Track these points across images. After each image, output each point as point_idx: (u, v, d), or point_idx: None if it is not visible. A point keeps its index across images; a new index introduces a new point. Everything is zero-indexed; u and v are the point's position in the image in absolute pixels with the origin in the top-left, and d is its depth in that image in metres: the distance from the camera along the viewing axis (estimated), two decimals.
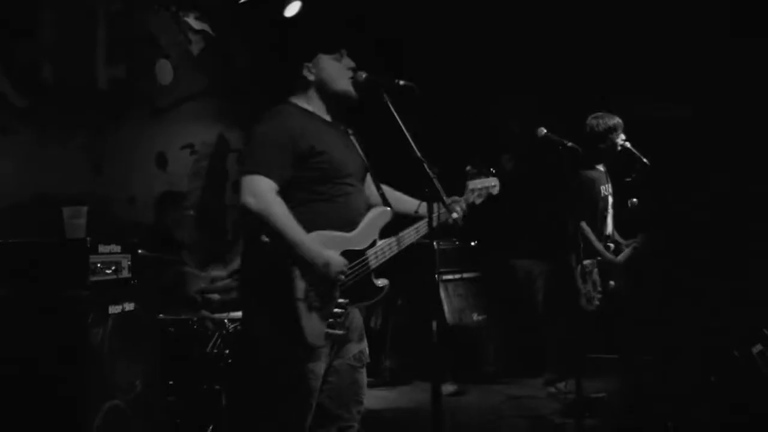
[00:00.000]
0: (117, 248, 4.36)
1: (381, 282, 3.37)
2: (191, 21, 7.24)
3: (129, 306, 4.37)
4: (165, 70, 6.91)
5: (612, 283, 5.42)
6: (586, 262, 5.34)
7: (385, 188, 3.59)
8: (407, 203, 3.63)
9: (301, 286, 3.11)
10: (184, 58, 7.16)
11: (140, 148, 6.65)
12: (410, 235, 3.49)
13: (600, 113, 5.57)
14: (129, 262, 4.45)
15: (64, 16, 5.96)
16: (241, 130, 7.64)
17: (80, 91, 6.10)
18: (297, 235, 3.09)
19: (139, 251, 4.64)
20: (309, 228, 3.14)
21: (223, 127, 7.58)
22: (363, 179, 3.51)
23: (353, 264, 3.26)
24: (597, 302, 5.33)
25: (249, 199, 3.09)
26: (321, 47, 3.42)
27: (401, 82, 3.34)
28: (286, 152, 3.19)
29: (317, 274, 3.11)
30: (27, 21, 5.72)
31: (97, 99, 6.26)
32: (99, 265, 4.21)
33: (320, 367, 3.24)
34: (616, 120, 5.53)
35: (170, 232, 5.87)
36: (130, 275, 4.46)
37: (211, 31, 7.42)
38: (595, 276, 5.37)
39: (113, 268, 4.32)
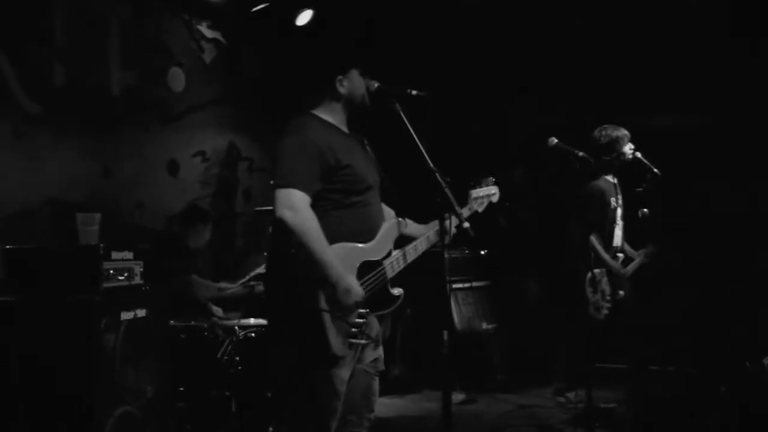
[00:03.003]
0: (129, 255, 4.40)
1: (397, 291, 3.45)
2: (204, 29, 7.28)
3: (141, 312, 4.40)
4: (177, 78, 6.95)
5: (621, 292, 5.43)
6: (596, 271, 5.34)
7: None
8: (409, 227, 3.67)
9: (324, 296, 3.17)
10: (196, 66, 7.19)
11: (151, 155, 6.68)
12: (422, 244, 3.57)
13: (605, 125, 5.59)
14: (141, 269, 4.48)
15: (77, 21, 6.00)
16: (253, 138, 7.67)
17: (92, 97, 6.13)
18: (326, 257, 3.15)
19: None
20: (330, 238, 3.20)
21: (234, 135, 7.61)
22: (379, 190, 3.56)
23: (371, 275, 3.33)
24: (605, 311, 5.33)
25: (286, 213, 3.14)
26: (355, 62, 3.48)
27: (413, 92, 3.36)
28: (315, 165, 3.26)
29: (336, 297, 3.16)
30: (40, 26, 5.76)
31: (109, 105, 6.29)
32: (112, 271, 4.24)
33: (346, 372, 3.31)
34: (622, 131, 5.55)
35: (185, 242, 5.88)
36: (142, 282, 4.49)
37: (223, 40, 7.45)
38: (604, 285, 5.37)
39: (126, 274, 4.35)
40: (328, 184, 3.29)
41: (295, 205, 3.15)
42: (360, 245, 3.34)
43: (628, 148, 5.55)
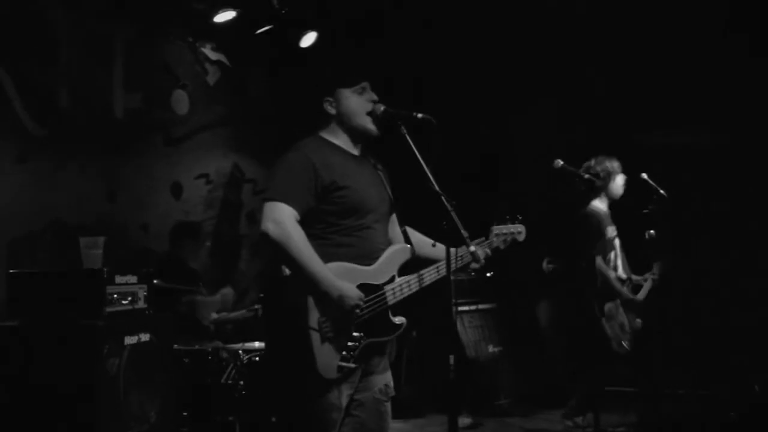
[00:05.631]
0: (133, 279, 4.37)
1: (398, 320, 3.33)
2: (207, 51, 7.29)
3: (144, 336, 4.37)
4: (181, 100, 6.95)
5: (639, 320, 5.38)
6: (608, 305, 5.30)
7: (412, 231, 3.56)
8: (432, 248, 3.57)
9: (315, 316, 3.10)
10: (200, 88, 7.20)
11: (155, 177, 6.68)
12: (431, 274, 3.44)
13: (603, 157, 5.62)
14: (145, 293, 4.46)
15: (82, 44, 6.01)
16: (256, 160, 7.67)
17: (97, 120, 6.14)
18: (313, 265, 3.09)
19: (155, 281, 4.66)
20: (325, 260, 3.14)
21: (238, 157, 7.61)
22: (387, 215, 3.49)
23: (369, 298, 3.24)
24: (628, 342, 5.29)
25: (269, 226, 3.09)
26: (339, 82, 3.43)
27: (419, 115, 3.33)
28: (308, 182, 3.20)
29: (332, 305, 3.10)
30: (45, 49, 5.77)
31: (114, 128, 6.30)
32: (115, 295, 4.21)
33: (339, 398, 3.20)
34: (614, 164, 5.58)
35: (185, 262, 5.87)
36: (146, 306, 4.46)
37: (227, 62, 7.47)
38: (621, 318, 5.33)
39: (129, 298, 4.32)
40: (323, 204, 3.23)
41: (279, 218, 3.10)
42: (358, 266, 3.25)
43: (621, 180, 5.58)
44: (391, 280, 3.34)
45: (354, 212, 3.29)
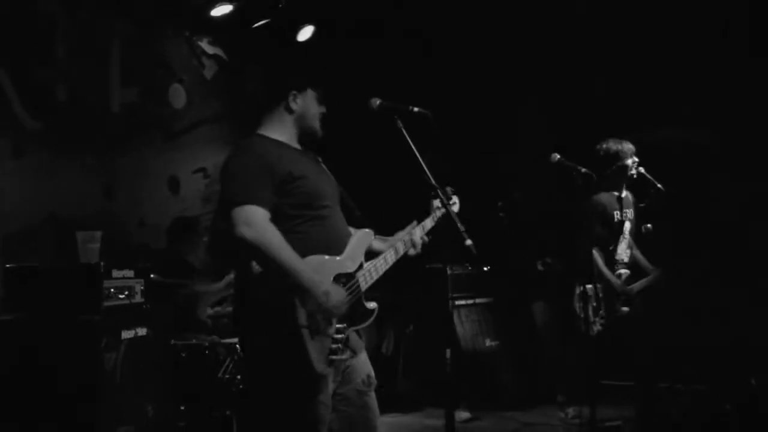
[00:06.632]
0: (130, 273, 4.38)
1: (371, 305, 3.34)
2: (204, 45, 7.28)
3: (142, 331, 4.38)
4: (178, 95, 6.95)
5: (625, 309, 5.35)
6: (588, 286, 5.27)
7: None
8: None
9: (303, 312, 3.06)
10: (197, 83, 7.19)
11: (152, 172, 6.67)
12: (391, 256, 3.46)
13: (609, 138, 5.54)
14: (142, 287, 4.46)
15: (79, 40, 6.00)
16: None
17: (93, 115, 6.13)
18: (296, 264, 3.04)
19: (152, 276, 4.65)
20: (299, 252, 3.10)
21: None
22: (338, 203, 3.48)
23: (347, 287, 3.23)
24: (598, 327, 5.26)
25: (244, 230, 3.03)
26: (313, 82, 3.44)
27: (415, 109, 3.33)
28: (267, 180, 3.17)
29: (316, 303, 3.07)
30: (42, 44, 5.76)
31: (110, 122, 6.29)
32: (112, 290, 4.22)
33: (328, 395, 3.19)
34: (624, 145, 5.50)
35: (183, 257, 5.86)
36: (142, 300, 4.47)
37: (224, 56, 7.45)
38: (595, 301, 5.29)
39: (126, 293, 4.33)
40: (284, 198, 3.19)
41: (252, 220, 3.04)
42: (331, 257, 3.23)
43: (630, 162, 5.49)
44: (360, 266, 3.34)
45: (313, 201, 3.26)
